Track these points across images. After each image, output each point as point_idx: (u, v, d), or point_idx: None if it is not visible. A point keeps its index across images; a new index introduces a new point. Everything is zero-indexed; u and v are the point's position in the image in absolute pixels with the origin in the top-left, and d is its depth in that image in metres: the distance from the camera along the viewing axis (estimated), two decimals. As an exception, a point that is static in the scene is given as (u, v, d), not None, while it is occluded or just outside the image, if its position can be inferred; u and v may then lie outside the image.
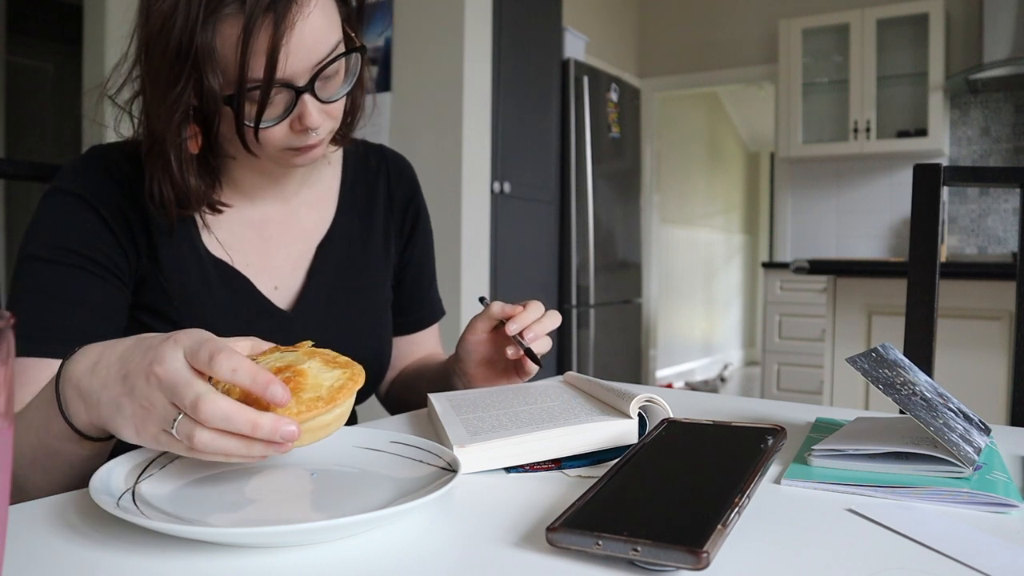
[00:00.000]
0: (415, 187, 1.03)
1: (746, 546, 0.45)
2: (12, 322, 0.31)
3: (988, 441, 0.64)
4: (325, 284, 0.90)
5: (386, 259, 0.98)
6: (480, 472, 0.61)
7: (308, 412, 0.50)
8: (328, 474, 0.58)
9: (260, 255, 0.87)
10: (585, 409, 0.69)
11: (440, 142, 2.95)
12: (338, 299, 0.91)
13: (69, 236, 0.78)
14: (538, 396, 0.77)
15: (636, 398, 0.65)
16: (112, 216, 0.79)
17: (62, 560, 0.43)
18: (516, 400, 0.75)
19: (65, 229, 0.78)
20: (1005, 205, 4.22)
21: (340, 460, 0.61)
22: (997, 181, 1.12)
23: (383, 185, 0.99)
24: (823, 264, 2.20)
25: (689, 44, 5.04)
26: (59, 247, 0.77)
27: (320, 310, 0.89)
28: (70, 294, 0.77)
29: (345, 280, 0.92)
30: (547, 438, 0.62)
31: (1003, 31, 3.83)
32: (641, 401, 0.66)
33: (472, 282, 2.99)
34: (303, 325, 0.88)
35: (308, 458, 0.61)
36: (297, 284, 0.89)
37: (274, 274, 0.88)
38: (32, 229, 0.79)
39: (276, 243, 0.89)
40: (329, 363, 0.54)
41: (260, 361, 0.54)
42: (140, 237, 0.81)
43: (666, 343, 5.59)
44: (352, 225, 0.94)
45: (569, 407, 0.71)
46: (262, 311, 0.85)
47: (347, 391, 0.52)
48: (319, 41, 0.73)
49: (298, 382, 0.51)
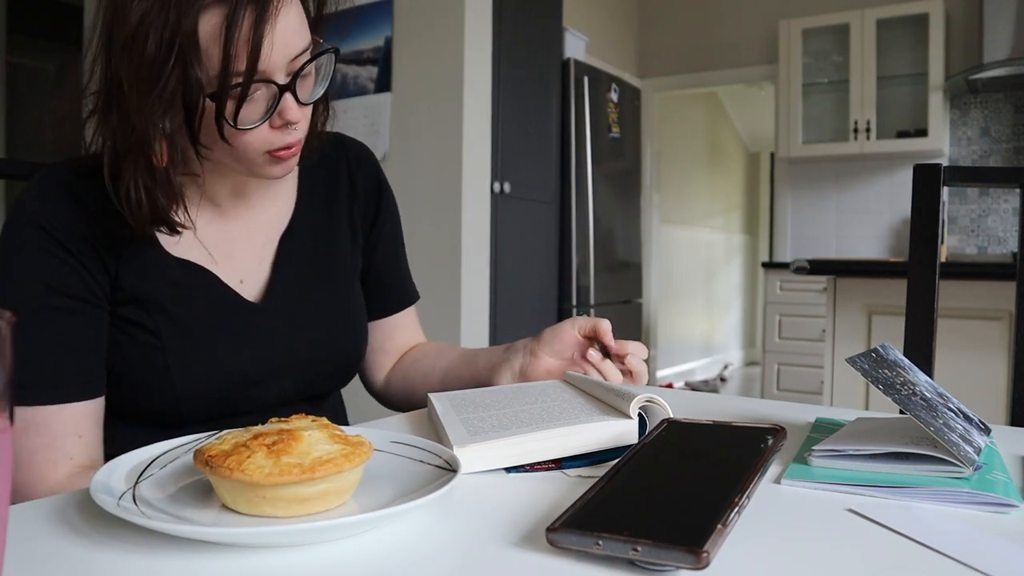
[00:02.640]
0: (377, 171, 1.03)
1: (746, 546, 0.45)
2: (13, 322, 0.31)
3: (988, 441, 0.64)
4: (292, 274, 0.91)
5: (353, 245, 0.98)
6: (480, 472, 0.61)
7: (279, 477, 0.46)
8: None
9: (223, 251, 0.87)
10: (585, 409, 0.69)
11: (440, 142, 2.95)
12: (307, 288, 0.91)
13: (44, 275, 0.77)
14: (538, 396, 0.77)
15: (636, 398, 0.65)
16: (79, 245, 0.78)
17: (62, 560, 0.43)
18: (516, 400, 0.75)
19: (39, 269, 0.77)
20: (1005, 205, 4.22)
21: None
22: (997, 181, 1.13)
23: (344, 172, 0.99)
24: (823, 264, 2.20)
25: (689, 44, 5.04)
26: (38, 291, 0.76)
27: (289, 300, 0.89)
28: (63, 340, 0.77)
29: (313, 269, 0.93)
30: (547, 438, 0.62)
31: (1003, 31, 3.83)
32: (641, 401, 0.66)
33: (472, 282, 2.99)
34: (273, 316, 0.88)
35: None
36: (263, 277, 0.89)
37: (239, 268, 0.88)
38: (4, 269, 0.78)
39: (238, 238, 0.89)
40: (334, 438, 0.51)
41: (268, 423, 0.54)
42: (107, 256, 0.80)
43: (666, 343, 5.59)
44: (315, 214, 0.95)
45: (569, 407, 0.71)
46: (232, 305, 0.85)
47: (332, 466, 0.47)
48: (297, 36, 0.74)
49: (287, 445, 0.48)
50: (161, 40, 0.69)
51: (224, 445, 0.49)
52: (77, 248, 0.78)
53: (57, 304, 0.77)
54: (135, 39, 0.70)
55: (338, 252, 0.96)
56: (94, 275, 0.79)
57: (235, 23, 0.69)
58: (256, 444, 0.49)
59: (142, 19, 0.69)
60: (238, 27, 0.69)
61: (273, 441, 0.49)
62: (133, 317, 0.81)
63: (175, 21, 0.69)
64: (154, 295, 0.81)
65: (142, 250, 0.81)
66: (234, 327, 0.85)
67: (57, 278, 0.77)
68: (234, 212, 0.89)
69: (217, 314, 0.84)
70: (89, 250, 0.79)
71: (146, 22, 0.69)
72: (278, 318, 0.88)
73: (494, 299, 3.15)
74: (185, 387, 0.81)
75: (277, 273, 0.90)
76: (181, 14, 0.69)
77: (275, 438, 0.49)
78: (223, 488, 0.50)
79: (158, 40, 0.69)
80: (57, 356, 0.76)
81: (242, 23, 0.69)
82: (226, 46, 0.69)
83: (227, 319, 0.84)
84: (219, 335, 0.84)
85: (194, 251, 0.85)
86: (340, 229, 0.97)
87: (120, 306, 0.81)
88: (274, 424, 0.53)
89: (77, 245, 0.78)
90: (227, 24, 0.69)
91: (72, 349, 0.77)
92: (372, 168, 1.03)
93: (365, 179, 1.01)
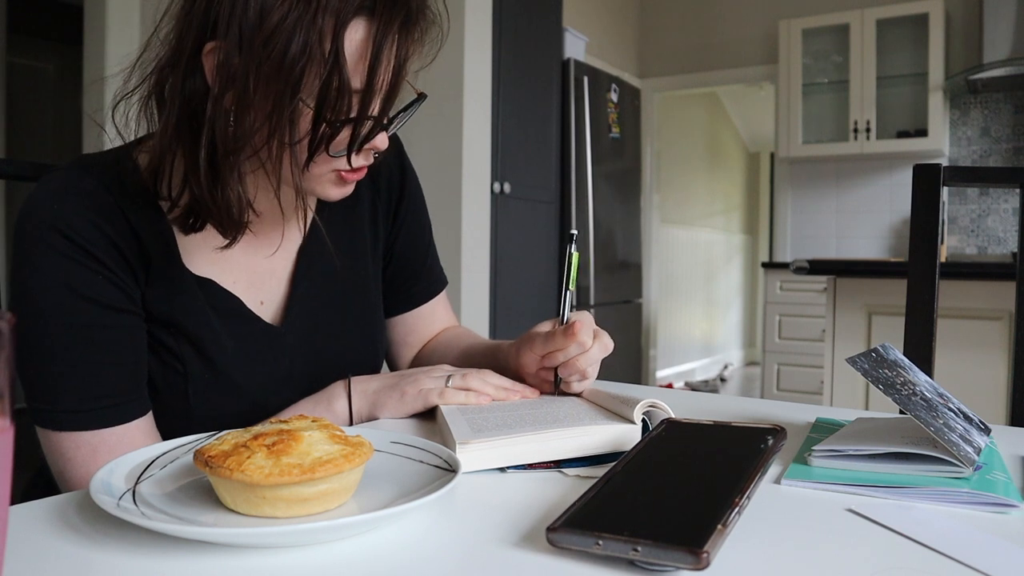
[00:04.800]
0: (400, 155, 0.98)
1: (746, 546, 0.45)
2: (13, 323, 0.31)
3: (988, 441, 0.64)
4: (311, 293, 0.87)
5: (374, 246, 0.95)
6: (480, 472, 0.61)
7: (279, 477, 0.46)
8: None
9: (241, 266, 0.83)
10: (589, 414, 0.70)
11: (440, 142, 2.95)
12: (325, 305, 0.88)
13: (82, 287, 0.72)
14: (542, 400, 0.77)
15: (639, 404, 0.65)
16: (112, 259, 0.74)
17: (62, 560, 0.43)
18: (520, 403, 0.76)
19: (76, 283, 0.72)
20: (1005, 205, 4.22)
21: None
22: (997, 181, 1.13)
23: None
24: (823, 264, 2.20)
25: (689, 44, 5.04)
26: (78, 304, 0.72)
27: (307, 321, 0.86)
28: (110, 356, 0.73)
29: (330, 283, 0.89)
30: (550, 439, 0.62)
31: (1003, 31, 3.83)
32: (644, 407, 0.66)
33: (472, 282, 2.99)
34: (292, 338, 0.85)
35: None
36: (281, 295, 0.86)
37: (259, 288, 0.85)
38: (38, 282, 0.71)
39: (256, 255, 0.84)
40: (334, 438, 0.51)
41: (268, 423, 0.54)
42: (138, 270, 0.76)
43: (666, 343, 5.59)
44: (334, 221, 0.90)
45: (573, 411, 0.71)
46: (254, 332, 0.83)
47: (332, 467, 0.47)
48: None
49: (287, 445, 0.48)
50: (307, 44, 0.65)
51: (224, 445, 0.49)
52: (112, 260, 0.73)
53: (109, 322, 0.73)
54: (267, 40, 0.65)
55: (358, 259, 0.92)
56: (130, 286, 0.75)
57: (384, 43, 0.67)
58: (256, 444, 0.49)
59: (280, 22, 0.64)
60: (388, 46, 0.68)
61: (273, 441, 0.49)
62: (159, 336, 0.78)
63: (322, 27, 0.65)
64: (179, 318, 0.78)
65: (166, 267, 0.77)
66: (255, 353, 0.83)
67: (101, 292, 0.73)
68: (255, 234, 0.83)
69: (240, 341, 0.81)
70: (123, 262, 0.74)
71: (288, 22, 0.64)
72: (297, 340, 0.85)
73: (494, 299, 3.15)
74: (201, 410, 0.79)
75: (295, 291, 0.86)
76: (337, 22, 0.65)
77: (275, 438, 0.49)
78: (223, 488, 0.50)
79: (303, 44, 0.65)
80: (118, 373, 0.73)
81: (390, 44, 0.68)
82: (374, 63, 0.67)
83: (250, 346, 0.82)
84: (241, 363, 0.81)
85: (215, 268, 0.81)
86: (360, 233, 0.93)
87: (148, 323, 0.78)
88: (274, 424, 0.53)
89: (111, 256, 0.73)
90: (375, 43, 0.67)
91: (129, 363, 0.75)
92: (395, 154, 0.97)
93: (387, 168, 0.96)
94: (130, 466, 0.55)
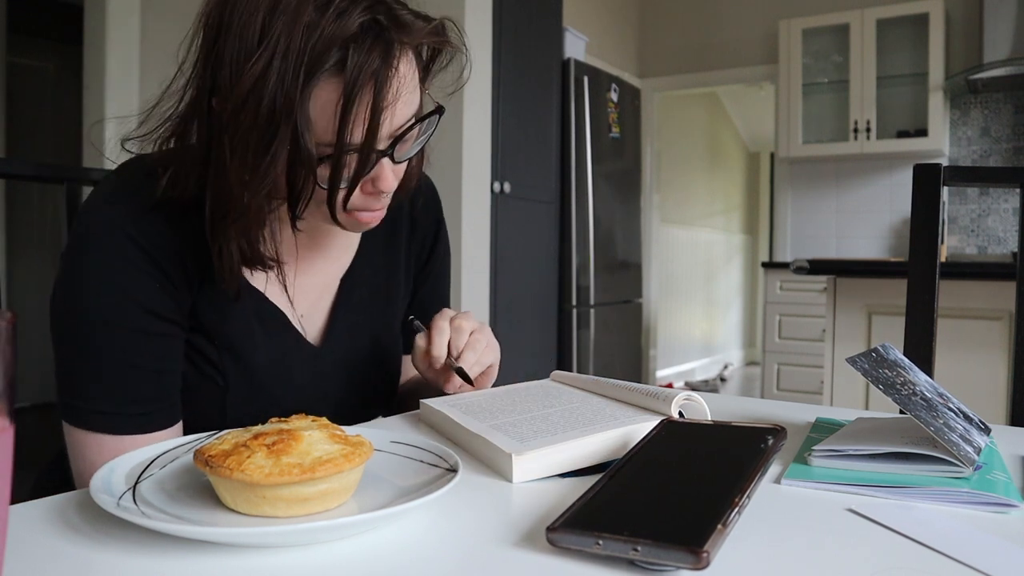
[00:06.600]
0: (438, 210, 1.01)
1: (746, 546, 0.45)
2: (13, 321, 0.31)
3: (988, 441, 0.64)
4: (351, 319, 0.88)
5: (406, 286, 0.97)
6: (480, 472, 0.61)
7: (279, 477, 0.46)
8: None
9: (289, 285, 0.84)
10: (622, 411, 0.69)
11: (440, 142, 2.95)
12: (363, 331, 0.90)
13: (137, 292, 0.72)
14: (544, 398, 0.76)
15: (677, 397, 0.65)
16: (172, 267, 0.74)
17: (62, 560, 0.43)
18: (530, 404, 0.74)
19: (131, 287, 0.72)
20: (1005, 205, 4.22)
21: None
22: (997, 181, 1.13)
23: (406, 210, 0.95)
24: (823, 264, 2.20)
25: (689, 44, 5.04)
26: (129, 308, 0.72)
27: (344, 344, 0.88)
28: (150, 364, 0.73)
29: (369, 311, 0.91)
30: (597, 441, 0.61)
31: (1003, 31, 3.83)
32: (681, 400, 0.66)
33: (472, 282, 2.99)
34: (330, 359, 0.86)
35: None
36: (322, 316, 0.87)
37: (302, 306, 0.86)
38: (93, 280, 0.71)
39: (302, 273, 0.86)
40: (334, 438, 0.51)
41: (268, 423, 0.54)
42: (193, 279, 0.76)
43: (666, 343, 5.59)
44: (376, 254, 0.92)
45: (598, 409, 0.70)
46: (295, 349, 0.84)
47: (332, 466, 0.47)
48: (409, 106, 0.71)
49: (287, 444, 0.49)
50: (275, 107, 0.64)
51: (224, 445, 0.49)
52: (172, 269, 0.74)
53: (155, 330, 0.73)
54: (246, 105, 0.64)
55: (393, 291, 0.94)
56: (182, 296, 0.75)
57: (353, 100, 0.65)
58: (256, 444, 0.49)
59: (255, 85, 0.63)
60: (357, 103, 0.65)
61: (273, 441, 0.49)
62: (200, 346, 0.78)
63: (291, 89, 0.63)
64: (225, 330, 0.78)
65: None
66: (293, 370, 0.83)
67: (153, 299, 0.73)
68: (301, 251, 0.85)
69: (281, 357, 0.82)
70: (182, 271, 0.75)
71: (258, 88, 0.63)
72: (333, 361, 0.87)
73: (494, 299, 3.15)
74: (235, 420, 0.79)
75: (336, 315, 0.87)
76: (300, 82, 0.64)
77: (275, 438, 0.49)
78: (223, 488, 0.50)
79: (270, 107, 0.64)
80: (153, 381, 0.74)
81: (361, 99, 0.65)
82: (341, 122, 0.65)
83: (289, 363, 0.83)
84: (279, 379, 0.82)
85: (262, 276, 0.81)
86: (397, 267, 0.95)
87: (191, 332, 0.78)
88: (274, 424, 0.53)
89: (172, 266, 0.74)
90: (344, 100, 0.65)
91: (167, 373, 0.75)
92: (435, 209, 1.00)
93: (426, 218, 0.98)
94: (130, 465, 0.55)
